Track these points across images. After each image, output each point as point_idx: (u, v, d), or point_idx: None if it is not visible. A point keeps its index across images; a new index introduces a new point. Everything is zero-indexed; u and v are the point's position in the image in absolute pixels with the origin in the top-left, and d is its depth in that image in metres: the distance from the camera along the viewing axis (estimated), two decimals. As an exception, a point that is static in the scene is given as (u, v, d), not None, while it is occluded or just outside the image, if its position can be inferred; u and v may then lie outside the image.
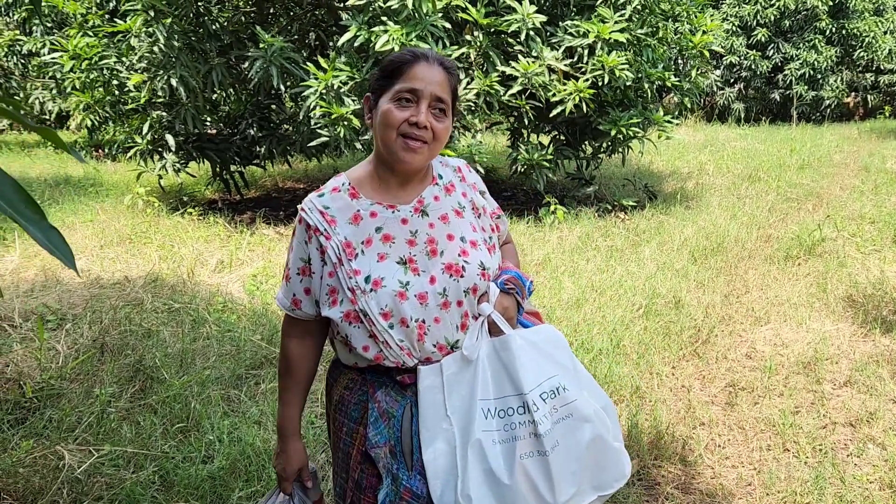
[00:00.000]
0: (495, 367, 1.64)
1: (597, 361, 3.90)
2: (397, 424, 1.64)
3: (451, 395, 1.62)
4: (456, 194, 1.73)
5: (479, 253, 1.67)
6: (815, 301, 4.97)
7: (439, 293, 1.60)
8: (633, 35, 7.12)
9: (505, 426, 1.59)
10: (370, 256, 1.59)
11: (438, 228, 1.65)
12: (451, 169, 1.78)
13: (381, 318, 1.57)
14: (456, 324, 1.63)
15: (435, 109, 1.60)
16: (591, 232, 6.78)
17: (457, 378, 1.63)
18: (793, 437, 3.27)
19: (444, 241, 1.64)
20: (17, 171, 10.63)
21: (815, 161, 11.39)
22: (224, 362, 3.79)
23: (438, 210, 1.67)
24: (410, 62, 1.59)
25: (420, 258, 1.61)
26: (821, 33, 18.46)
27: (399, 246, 1.61)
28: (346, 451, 1.70)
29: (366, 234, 1.61)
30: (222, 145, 8.16)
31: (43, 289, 4.91)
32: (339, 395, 1.72)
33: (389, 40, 5.92)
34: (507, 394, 1.62)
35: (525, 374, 1.62)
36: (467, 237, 1.68)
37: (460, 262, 1.63)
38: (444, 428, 1.61)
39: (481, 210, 1.76)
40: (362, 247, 1.60)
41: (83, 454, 2.85)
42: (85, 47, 7.14)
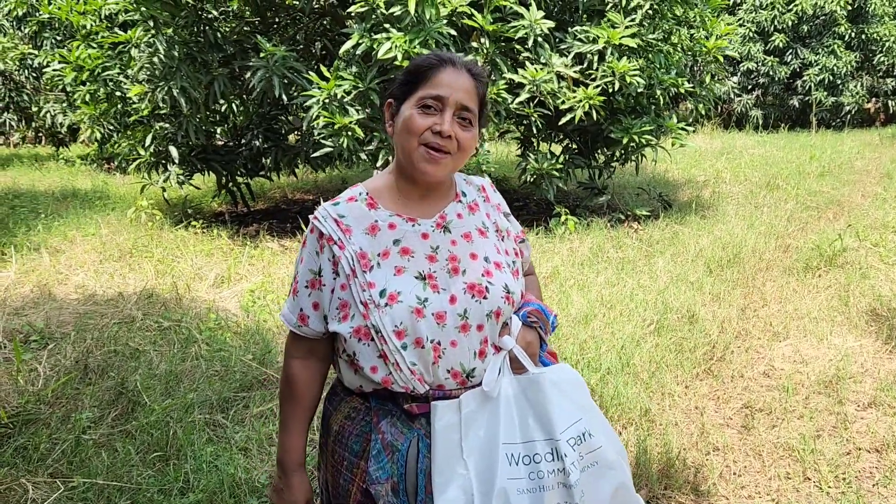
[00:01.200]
0: (521, 408, 1.50)
1: (604, 381, 3.69)
2: (402, 460, 1.49)
3: (468, 436, 1.47)
4: (479, 214, 1.63)
5: (504, 275, 1.54)
6: (836, 315, 4.72)
7: (459, 314, 1.46)
8: (645, 40, 6.92)
9: (531, 474, 1.45)
10: (386, 269, 1.48)
11: (461, 246, 1.53)
12: (475, 188, 1.68)
13: (395, 337, 1.43)
14: (474, 350, 1.48)
15: (460, 118, 1.48)
16: (603, 243, 6.57)
17: (475, 416, 1.48)
18: (814, 464, 3.05)
19: (467, 259, 1.52)
20: (27, 185, 10.60)
21: (835, 168, 11.10)
22: (212, 384, 3.62)
23: (461, 228, 1.57)
24: (436, 67, 1.49)
25: (440, 275, 1.48)
26: (840, 38, 18.13)
27: (418, 260, 1.50)
28: (345, 487, 1.54)
29: (383, 246, 1.50)
30: (228, 157, 8.05)
31: (34, 306, 4.79)
32: (339, 426, 1.56)
33: (392, 48, 5.77)
34: (534, 438, 1.48)
35: (556, 416, 1.48)
36: (491, 258, 1.55)
37: (484, 283, 1.50)
38: (460, 473, 1.45)
39: (505, 233, 1.66)
40: (378, 258, 1.49)
41: (51, 487, 2.69)
42: (87, 59, 7.07)
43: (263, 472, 2.89)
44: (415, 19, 5.84)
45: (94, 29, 7.39)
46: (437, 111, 1.47)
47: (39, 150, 16.27)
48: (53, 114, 13.16)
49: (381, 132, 6.33)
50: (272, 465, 2.96)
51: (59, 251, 6.37)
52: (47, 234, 6.94)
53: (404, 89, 1.53)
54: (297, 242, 6.86)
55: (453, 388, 1.49)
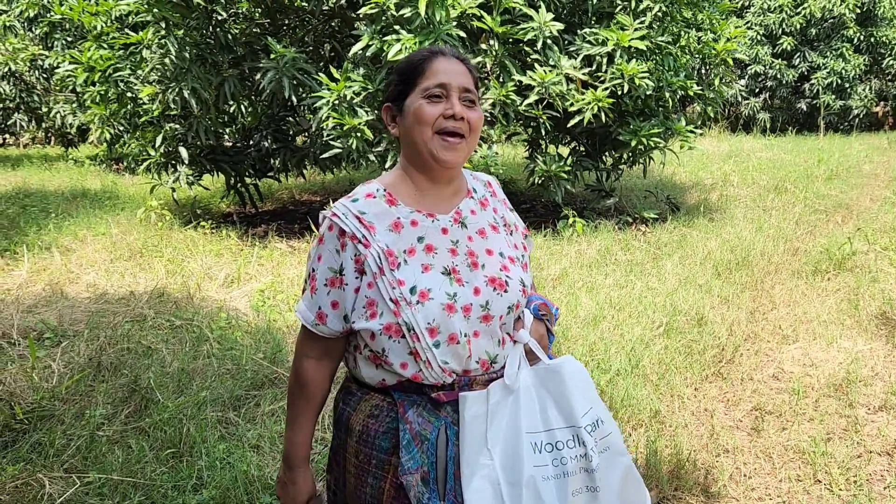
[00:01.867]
0: (542, 398, 1.54)
1: (614, 383, 3.70)
2: (431, 449, 1.49)
3: (492, 426, 1.50)
4: (489, 210, 1.66)
5: (518, 270, 1.59)
6: (845, 318, 4.72)
7: (482, 305, 1.49)
8: (654, 43, 6.93)
9: (554, 461, 1.49)
10: (414, 266, 1.49)
11: (477, 242, 1.56)
12: (482, 183, 1.71)
13: (428, 335, 1.45)
14: (497, 338, 1.53)
15: (465, 100, 1.52)
16: (611, 245, 6.57)
17: (498, 407, 1.51)
18: (824, 466, 3.05)
19: (484, 254, 1.55)
20: (37, 185, 10.66)
21: (843, 171, 11.08)
22: (223, 382, 3.65)
23: (476, 224, 1.60)
24: (429, 58, 1.53)
25: (462, 269, 1.52)
26: (848, 41, 18.10)
27: (442, 256, 1.52)
28: (376, 485, 1.52)
29: (408, 244, 1.51)
30: (237, 157, 8.09)
31: (47, 304, 4.82)
32: (362, 425, 1.54)
33: (402, 49, 5.79)
34: (555, 426, 1.52)
35: (576, 404, 1.53)
36: (505, 253, 1.60)
37: (503, 277, 1.54)
38: (484, 463, 1.47)
39: (513, 227, 1.69)
40: (405, 256, 1.49)
41: (66, 482, 2.71)
42: (99, 60, 7.11)
43: (275, 469, 2.91)
44: (425, 21, 5.86)
45: (106, 30, 7.43)
46: (444, 97, 1.51)
47: (49, 151, 16.35)
48: (63, 114, 13.23)
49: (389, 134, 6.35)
50: (284, 462, 2.97)
51: (69, 250, 6.41)
52: (58, 234, 6.98)
53: (401, 88, 1.55)
54: (305, 243, 6.89)
55: (478, 374, 1.53)
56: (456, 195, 1.61)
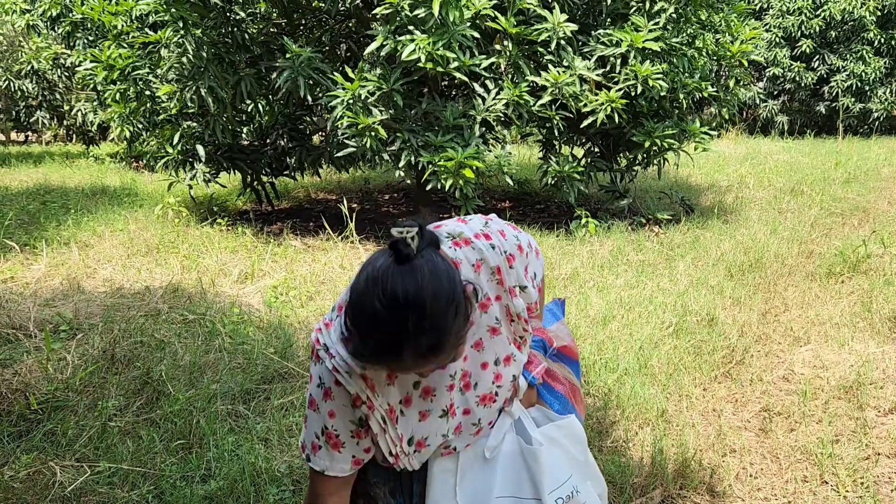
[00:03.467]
0: (517, 467, 1.58)
1: (621, 382, 3.71)
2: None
3: (463, 483, 1.55)
4: (492, 309, 1.50)
5: (512, 368, 1.56)
6: (858, 321, 4.69)
7: (473, 423, 1.54)
8: (669, 44, 6.91)
9: None
10: (411, 416, 1.46)
11: (472, 359, 1.50)
12: (488, 272, 1.47)
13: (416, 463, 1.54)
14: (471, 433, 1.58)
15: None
16: (623, 246, 6.57)
17: (472, 469, 1.56)
18: (832, 468, 3.04)
19: (478, 371, 1.51)
20: (58, 181, 10.81)
21: (861, 175, 10.97)
22: (234, 376, 3.70)
23: (472, 337, 1.47)
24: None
25: (457, 398, 1.51)
26: (868, 44, 17.90)
27: (441, 397, 1.48)
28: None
29: (404, 392, 1.45)
30: (253, 156, 8.16)
31: (64, 298, 4.90)
32: None
33: (416, 49, 5.82)
34: (524, 496, 1.56)
35: (546, 477, 1.56)
36: (501, 356, 1.53)
37: (493, 390, 1.54)
38: None
39: (515, 316, 1.53)
40: (401, 406, 1.46)
41: (77, 471, 2.77)
42: (118, 58, 7.21)
43: (283, 461, 2.95)
44: (439, 21, 5.89)
45: (125, 29, 7.53)
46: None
47: (70, 148, 16.56)
48: (84, 112, 13.41)
49: (404, 133, 6.38)
50: (291, 455, 3.01)
51: (87, 246, 6.50)
52: (77, 229, 7.09)
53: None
54: (319, 241, 6.92)
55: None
56: None
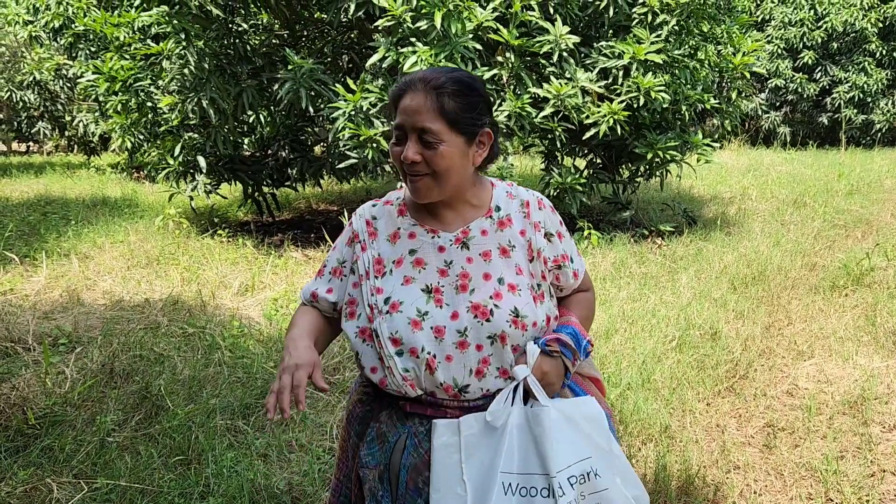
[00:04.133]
0: (524, 440, 1.47)
1: (624, 397, 3.67)
2: (389, 450, 1.54)
3: (470, 459, 1.46)
4: (510, 230, 1.59)
5: (517, 299, 1.52)
6: (862, 335, 4.66)
7: (458, 331, 1.48)
8: (671, 56, 6.91)
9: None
10: (397, 277, 1.54)
11: (476, 264, 1.53)
12: (519, 202, 1.63)
13: (390, 344, 1.48)
14: (470, 367, 1.49)
15: (423, 141, 1.48)
16: (626, 258, 6.54)
17: (478, 441, 1.47)
18: (836, 485, 3.00)
19: (479, 278, 1.52)
20: (58, 192, 10.82)
21: (864, 186, 10.95)
22: (234, 390, 3.67)
23: (482, 245, 1.56)
24: (399, 95, 1.53)
25: (447, 290, 1.51)
26: (870, 55, 17.95)
27: (429, 273, 1.54)
28: (350, 466, 1.65)
29: (398, 254, 1.56)
30: (254, 167, 8.16)
31: (63, 310, 4.88)
32: (352, 406, 1.66)
33: (418, 61, 5.82)
34: (532, 471, 1.45)
35: (555, 453, 1.44)
36: (506, 279, 1.53)
37: (489, 305, 1.49)
38: (457, 493, 1.45)
39: (536, 254, 1.59)
40: (392, 266, 1.55)
41: (75, 487, 2.74)
42: (120, 70, 7.22)
43: (282, 478, 2.92)
44: (441, 34, 5.90)
45: (127, 41, 7.55)
46: (403, 139, 1.51)
47: (71, 159, 16.59)
48: (86, 123, 13.45)
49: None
50: (290, 471, 2.98)
51: (88, 257, 6.49)
52: (77, 241, 7.07)
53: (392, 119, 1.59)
54: (320, 252, 6.92)
55: (445, 399, 1.51)
56: (469, 212, 1.59)
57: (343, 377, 3.89)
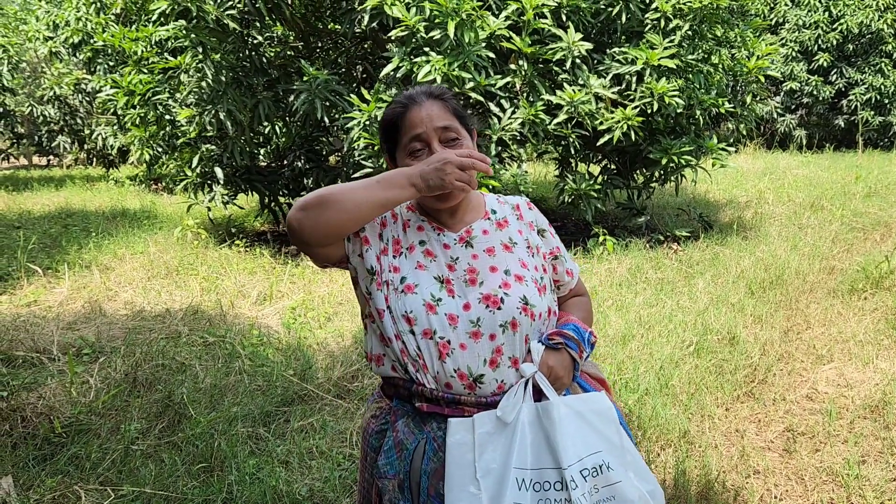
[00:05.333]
0: (536, 435, 1.50)
1: (642, 402, 3.68)
2: (408, 458, 1.54)
3: (483, 456, 1.49)
4: (509, 229, 1.68)
5: (525, 288, 1.57)
6: (883, 338, 4.63)
7: (472, 321, 1.51)
8: (684, 61, 6.91)
9: (539, 501, 1.45)
10: (411, 261, 1.58)
11: (482, 260, 1.59)
12: (510, 206, 1.75)
13: (404, 321, 1.52)
14: (484, 357, 1.52)
15: (446, 140, 1.57)
16: (642, 264, 6.54)
17: (491, 439, 1.50)
18: (858, 489, 2.99)
19: (486, 272, 1.57)
20: (78, 205, 10.96)
21: (882, 189, 10.86)
22: (254, 398, 3.71)
23: (485, 243, 1.63)
24: (402, 113, 1.59)
25: (457, 283, 1.55)
26: (887, 57, 17.82)
27: (439, 265, 1.57)
28: (369, 480, 1.65)
29: (411, 241, 1.61)
30: (271, 177, 8.24)
31: (86, 321, 4.96)
32: (366, 424, 1.67)
33: (432, 70, 5.87)
34: (545, 466, 1.48)
35: (566, 447, 1.48)
36: (512, 271, 1.59)
37: (499, 294, 1.54)
38: (472, 492, 1.47)
39: (535, 249, 1.68)
40: (405, 251, 1.59)
41: (101, 494, 2.78)
42: (138, 83, 7.33)
43: (304, 484, 2.95)
44: (454, 43, 5.94)
45: (145, 55, 7.66)
46: (425, 148, 1.56)
47: (91, 172, 16.80)
48: (105, 136, 13.63)
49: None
50: (312, 478, 3.01)
51: (108, 268, 6.58)
52: (98, 252, 7.17)
53: (390, 144, 1.64)
54: (337, 261, 6.96)
55: (461, 391, 1.53)
56: (469, 214, 1.67)
57: (362, 384, 3.92)
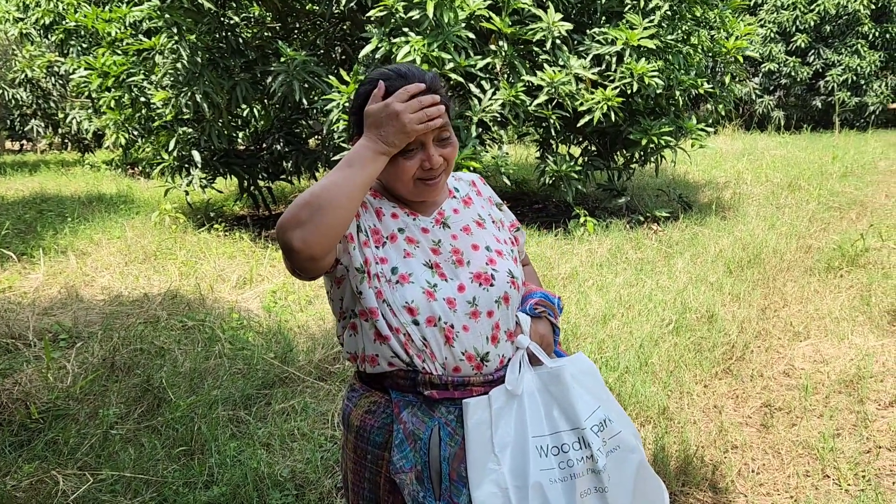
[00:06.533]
0: (546, 402, 1.55)
1: (622, 380, 3.70)
2: (424, 448, 1.50)
3: (497, 431, 1.51)
4: (475, 206, 1.67)
5: (506, 262, 1.58)
6: (857, 315, 4.70)
7: (469, 301, 1.49)
8: (664, 41, 6.92)
9: (561, 463, 1.50)
10: (395, 250, 1.51)
11: (462, 239, 1.57)
12: (466, 183, 1.73)
13: (406, 313, 1.46)
14: (486, 335, 1.51)
15: (439, 140, 1.50)
16: (622, 244, 6.57)
17: (502, 413, 1.52)
18: (833, 462, 3.04)
19: (470, 250, 1.55)
20: (53, 190, 10.80)
21: (858, 169, 10.99)
22: (235, 382, 3.69)
23: (460, 222, 1.60)
24: None
25: (446, 266, 1.52)
26: (863, 38, 17.95)
27: (423, 250, 1.53)
28: (372, 479, 1.56)
29: (389, 230, 1.53)
30: (250, 161, 8.16)
31: (63, 306, 4.90)
32: (359, 422, 1.56)
33: (411, 51, 5.82)
34: (560, 429, 1.53)
35: (579, 406, 1.53)
36: (492, 247, 1.59)
37: (489, 271, 1.53)
38: (492, 468, 1.49)
39: (499, 223, 1.68)
40: (387, 240, 1.52)
41: (80, 479, 2.76)
42: (112, 65, 7.21)
43: (286, 466, 2.95)
44: (433, 23, 5.89)
45: (119, 36, 7.53)
46: (419, 147, 1.48)
47: (65, 156, 16.55)
48: (79, 120, 13.40)
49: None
50: (294, 459, 3.01)
51: (85, 254, 6.50)
52: (74, 238, 7.08)
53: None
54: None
55: (470, 373, 1.51)
56: (437, 197, 1.62)
57: (343, 366, 3.91)
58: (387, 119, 1.40)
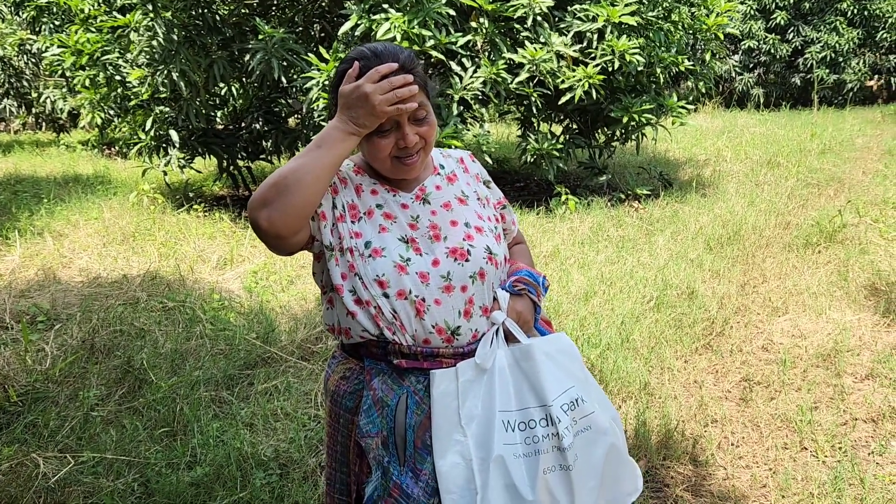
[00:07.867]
0: (516, 378, 1.56)
1: (604, 357, 3.73)
2: (391, 414, 1.54)
3: (466, 404, 1.53)
4: (459, 183, 1.68)
5: (486, 238, 1.59)
6: (835, 290, 4.76)
7: (442, 276, 1.51)
8: (645, 18, 6.89)
9: (526, 439, 1.51)
10: (372, 225, 1.54)
11: (441, 215, 1.58)
12: (454, 160, 1.74)
13: (376, 286, 1.49)
14: (459, 309, 1.53)
15: (416, 120, 1.51)
16: (604, 222, 6.59)
17: (471, 386, 1.54)
18: (810, 434, 3.09)
19: (448, 226, 1.57)
20: (28, 170, 10.62)
21: (836, 145, 11.08)
22: (217, 362, 3.67)
23: (441, 198, 1.62)
24: None
25: (422, 241, 1.54)
26: (842, 15, 18.01)
27: (401, 225, 1.55)
28: (343, 442, 1.63)
29: (367, 206, 1.56)
30: (229, 140, 8.05)
31: (40, 288, 4.83)
32: (335, 386, 1.64)
33: (391, 28, 5.76)
34: (529, 405, 1.54)
35: (548, 384, 1.54)
36: (472, 223, 1.60)
37: (465, 246, 1.55)
38: (458, 440, 1.51)
39: (485, 200, 1.69)
40: (364, 216, 1.55)
41: (61, 462, 2.74)
42: (86, 43, 7.06)
43: (269, 445, 2.94)
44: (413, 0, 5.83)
45: (93, 13, 7.37)
46: (394, 126, 1.49)
47: (40, 136, 16.24)
48: (53, 99, 13.16)
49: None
50: (277, 439, 3.01)
51: (62, 235, 6.41)
52: (50, 219, 6.98)
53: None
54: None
55: (440, 345, 1.54)
56: (421, 171, 1.63)
57: (326, 346, 3.91)
58: (357, 100, 1.42)
